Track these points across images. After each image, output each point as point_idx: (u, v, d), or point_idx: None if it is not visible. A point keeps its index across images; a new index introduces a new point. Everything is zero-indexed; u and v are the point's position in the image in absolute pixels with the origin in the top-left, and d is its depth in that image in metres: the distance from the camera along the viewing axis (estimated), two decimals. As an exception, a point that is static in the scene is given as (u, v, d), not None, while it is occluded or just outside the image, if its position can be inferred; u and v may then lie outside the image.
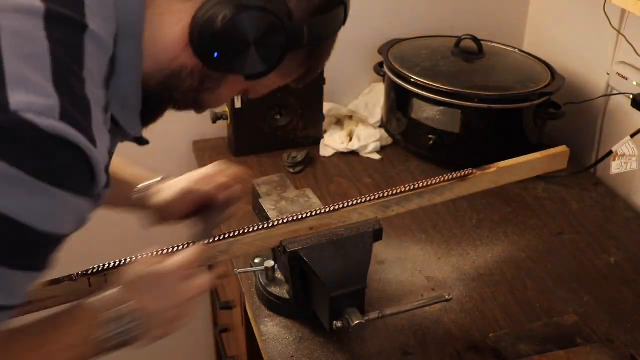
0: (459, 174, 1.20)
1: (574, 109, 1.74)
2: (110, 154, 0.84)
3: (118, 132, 0.83)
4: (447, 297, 1.16)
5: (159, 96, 0.84)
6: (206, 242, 1.02)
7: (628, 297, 1.30)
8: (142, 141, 0.89)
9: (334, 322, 1.10)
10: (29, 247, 0.69)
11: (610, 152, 1.52)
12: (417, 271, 1.36)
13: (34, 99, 0.65)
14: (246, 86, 0.89)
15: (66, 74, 0.69)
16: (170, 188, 1.12)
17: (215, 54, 0.80)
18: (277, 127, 1.76)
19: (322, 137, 1.80)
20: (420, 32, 1.89)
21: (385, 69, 1.75)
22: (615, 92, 1.64)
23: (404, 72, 1.68)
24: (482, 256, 1.41)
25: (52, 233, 0.70)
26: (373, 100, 1.87)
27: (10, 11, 0.68)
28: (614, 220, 1.54)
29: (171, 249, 0.99)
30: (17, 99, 0.64)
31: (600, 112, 1.71)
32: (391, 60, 1.74)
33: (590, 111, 1.74)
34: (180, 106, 0.88)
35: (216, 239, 1.04)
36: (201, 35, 0.79)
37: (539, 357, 1.13)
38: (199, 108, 0.90)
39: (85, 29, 0.72)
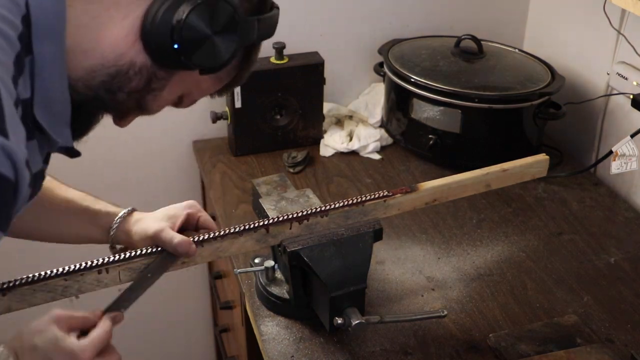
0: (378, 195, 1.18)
1: (574, 109, 1.74)
2: (44, 162, 0.81)
3: (44, 140, 0.79)
4: (442, 313, 1.17)
5: (99, 99, 0.80)
6: (122, 310, 0.94)
7: (628, 297, 1.30)
8: (73, 152, 0.84)
9: (335, 318, 1.10)
10: None
11: (610, 152, 1.52)
12: (417, 271, 1.36)
13: None
14: (185, 89, 0.87)
15: None
16: (140, 232, 1.07)
17: (176, 46, 0.78)
18: (277, 127, 1.76)
19: (322, 137, 1.80)
20: (420, 32, 1.89)
21: (385, 69, 1.75)
22: (615, 92, 1.64)
23: (404, 72, 1.68)
24: (482, 256, 1.41)
25: None
26: (373, 100, 1.87)
27: None
28: (614, 220, 1.54)
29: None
30: None
31: (600, 112, 1.71)
32: (391, 60, 1.74)
33: (590, 111, 1.74)
34: (121, 110, 0.84)
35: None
36: (158, 29, 0.77)
37: (539, 357, 1.13)
38: (139, 111, 0.86)
39: None
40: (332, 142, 1.78)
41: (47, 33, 0.73)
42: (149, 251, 1.02)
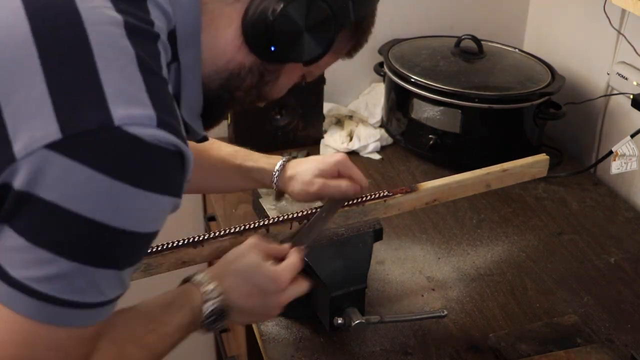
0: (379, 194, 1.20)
1: (574, 109, 1.74)
2: None
3: (189, 136, 0.86)
4: (442, 313, 1.17)
5: (219, 98, 0.88)
6: (306, 245, 1.06)
7: (628, 297, 1.30)
8: (203, 139, 0.92)
9: (335, 317, 1.10)
10: (133, 248, 0.74)
11: (610, 152, 1.52)
12: (417, 271, 1.36)
13: (134, 111, 0.68)
14: (303, 71, 0.93)
15: (154, 81, 0.72)
16: (299, 178, 1.17)
17: (272, 48, 0.83)
18: (277, 127, 1.76)
19: (322, 137, 1.80)
20: (420, 32, 1.89)
21: (385, 69, 1.75)
22: (615, 92, 1.64)
23: (404, 72, 1.68)
24: (482, 256, 1.41)
25: (153, 232, 0.75)
26: (373, 100, 1.87)
27: (96, 23, 0.71)
28: (614, 220, 1.54)
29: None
30: (119, 113, 0.67)
31: (600, 112, 1.71)
32: (391, 60, 1.74)
33: (590, 111, 1.74)
34: (243, 104, 0.91)
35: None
36: (255, 32, 0.82)
37: (539, 357, 1.13)
38: (262, 101, 0.93)
39: (157, 37, 0.76)
40: (332, 142, 1.78)
41: (189, 41, 0.80)
42: (163, 247, 1.02)
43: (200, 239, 1.05)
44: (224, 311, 0.94)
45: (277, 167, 1.19)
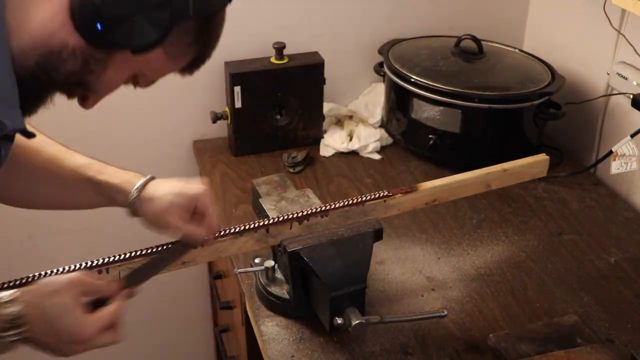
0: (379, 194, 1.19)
1: (574, 109, 1.74)
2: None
3: None
4: (442, 313, 1.17)
5: (36, 79, 0.78)
6: (134, 288, 0.96)
7: (628, 297, 1.30)
8: (27, 134, 0.82)
9: (335, 318, 1.10)
10: None
11: (610, 152, 1.52)
12: (417, 271, 1.36)
13: None
14: (134, 70, 0.85)
15: None
16: (155, 204, 1.04)
17: (99, 26, 0.75)
18: (277, 127, 1.76)
19: (322, 137, 1.80)
20: (420, 32, 1.89)
21: (385, 69, 1.75)
22: (615, 92, 1.64)
23: (404, 72, 1.68)
24: (482, 256, 1.41)
25: None
26: (373, 100, 1.87)
27: None
28: (614, 220, 1.54)
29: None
30: None
31: (600, 112, 1.71)
32: (391, 60, 1.74)
33: (590, 111, 1.74)
34: (64, 90, 0.83)
35: None
36: (83, 7, 0.74)
37: (539, 357, 1.13)
38: (85, 92, 0.84)
39: None
40: (332, 142, 1.78)
41: None
42: (149, 251, 1.02)
43: None
44: (19, 325, 0.82)
45: (136, 186, 1.04)
